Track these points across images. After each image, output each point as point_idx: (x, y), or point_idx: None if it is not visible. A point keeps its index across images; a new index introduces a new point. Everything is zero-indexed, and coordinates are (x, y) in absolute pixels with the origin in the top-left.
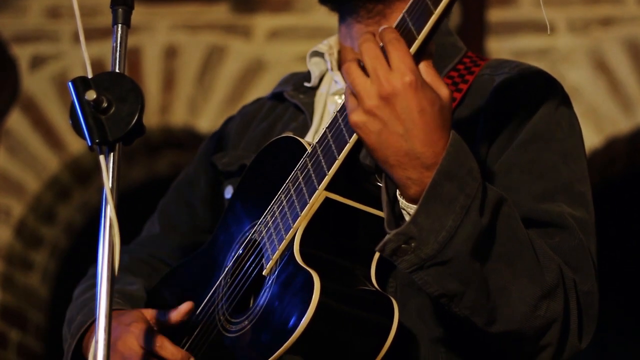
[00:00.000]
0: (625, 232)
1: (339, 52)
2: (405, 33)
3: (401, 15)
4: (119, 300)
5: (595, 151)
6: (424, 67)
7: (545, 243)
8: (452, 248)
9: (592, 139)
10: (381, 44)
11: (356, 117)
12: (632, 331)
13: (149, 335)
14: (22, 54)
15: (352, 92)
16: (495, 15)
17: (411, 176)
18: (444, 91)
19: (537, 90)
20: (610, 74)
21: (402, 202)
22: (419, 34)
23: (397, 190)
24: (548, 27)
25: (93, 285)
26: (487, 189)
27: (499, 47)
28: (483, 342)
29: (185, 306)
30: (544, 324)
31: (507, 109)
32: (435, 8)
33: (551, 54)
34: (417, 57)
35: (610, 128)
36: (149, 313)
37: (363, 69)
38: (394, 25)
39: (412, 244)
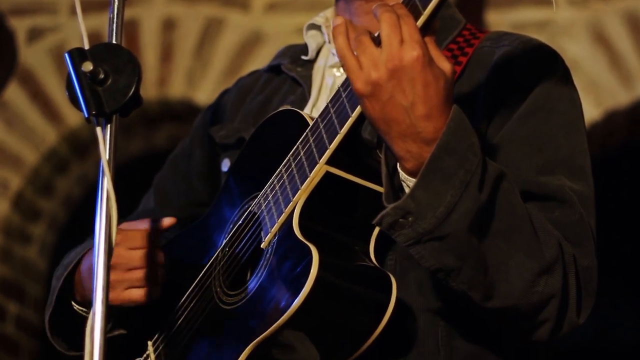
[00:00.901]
0: (625, 205)
1: None
2: (412, 9)
3: None
4: None
5: (594, 124)
6: (428, 43)
7: (545, 217)
8: (450, 223)
9: (591, 112)
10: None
11: (361, 86)
12: (631, 304)
13: (132, 236)
14: (20, 26)
15: (359, 58)
16: None
17: (411, 150)
18: (447, 67)
19: (538, 63)
20: (609, 47)
21: (402, 174)
22: (424, 9)
23: (397, 163)
24: (554, 4)
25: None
26: (487, 165)
27: (499, 20)
28: (482, 316)
29: (168, 220)
30: (542, 300)
31: (507, 82)
32: None
33: (551, 27)
34: (422, 33)
35: (610, 101)
36: (123, 224)
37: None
38: (402, 1)
39: (410, 219)
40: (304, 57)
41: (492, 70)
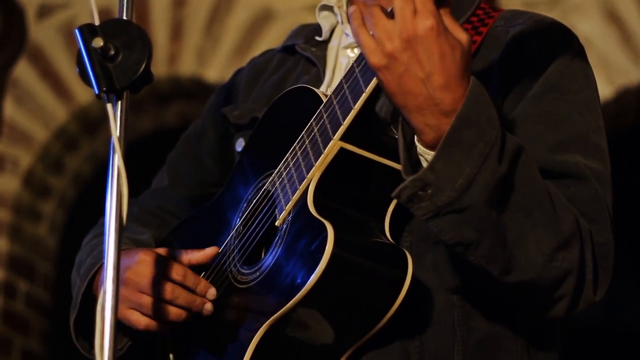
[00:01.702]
0: (636, 184)
1: (349, 6)
2: None
3: None
4: (128, 242)
5: (606, 102)
6: (443, 14)
7: (561, 194)
8: (469, 196)
9: (603, 90)
10: None
11: (376, 59)
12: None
13: (164, 263)
14: (30, 3)
15: (373, 32)
16: None
17: (429, 122)
18: (464, 37)
19: (552, 42)
20: (621, 25)
21: (420, 147)
22: None
23: (415, 136)
24: None
25: (102, 233)
26: (505, 137)
27: None
28: (498, 295)
29: (211, 250)
30: (560, 275)
31: (522, 61)
32: None
33: (562, 4)
34: (437, 5)
35: (622, 79)
36: (161, 249)
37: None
38: None
39: (429, 191)
40: (317, 38)
41: (506, 49)
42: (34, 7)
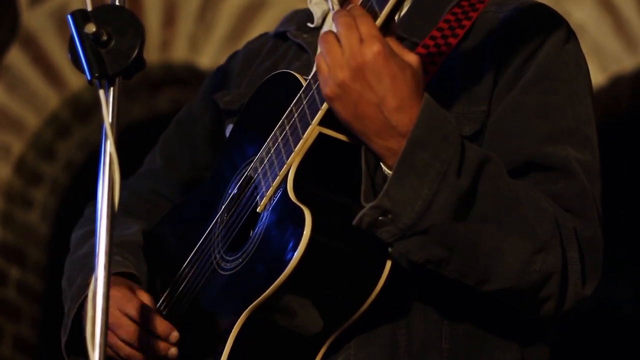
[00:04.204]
0: (629, 172)
1: None
2: (370, 11)
3: None
4: (118, 257)
5: (599, 89)
6: (390, 41)
7: (548, 189)
8: (431, 216)
9: (596, 77)
10: None
11: (329, 90)
12: (632, 276)
13: (133, 303)
14: None
15: (325, 62)
16: None
17: (390, 145)
18: (413, 58)
19: (543, 29)
20: (615, 12)
21: (385, 170)
22: (381, 11)
23: (380, 160)
24: None
25: (91, 233)
26: (466, 151)
27: None
28: (482, 299)
29: (174, 335)
30: (542, 278)
31: (512, 48)
32: None
33: None
34: (382, 32)
35: (615, 66)
36: (142, 294)
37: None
38: (359, 2)
39: (389, 216)
40: (309, 25)
41: (496, 35)
42: None
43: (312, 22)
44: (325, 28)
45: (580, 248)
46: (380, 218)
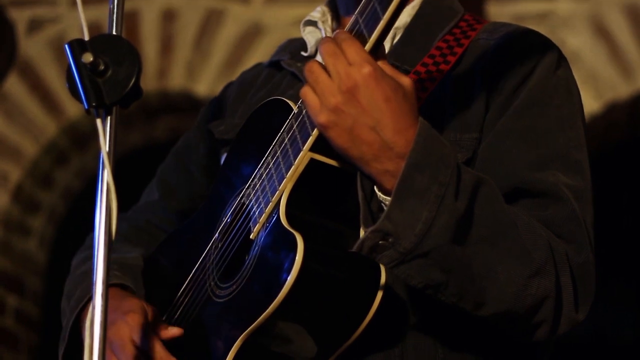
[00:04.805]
0: (625, 200)
1: (335, 20)
2: (358, 35)
3: (354, 17)
4: (117, 272)
5: (594, 117)
6: (382, 64)
7: (538, 215)
8: (431, 239)
9: (591, 105)
10: None
11: (323, 118)
12: (630, 302)
13: (144, 332)
14: (20, 17)
15: (315, 91)
16: None
17: (388, 168)
18: (405, 80)
19: (534, 55)
20: (610, 39)
21: (381, 196)
22: (370, 36)
23: (375, 186)
24: None
25: (91, 256)
26: (462, 173)
27: (499, 12)
28: (477, 324)
29: (175, 331)
30: (536, 302)
31: (503, 75)
32: (383, 13)
33: (551, 19)
34: (372, 56)
35: (610, 93)
36: (151, 309)
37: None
38: (346, 28)
39: (390, 240)
40: (303, 53)
41: (488, 62)
42: (23, 21)
43: (306, 51)
44: (319, 56)
45: (573, 273)
46: (380, 242)
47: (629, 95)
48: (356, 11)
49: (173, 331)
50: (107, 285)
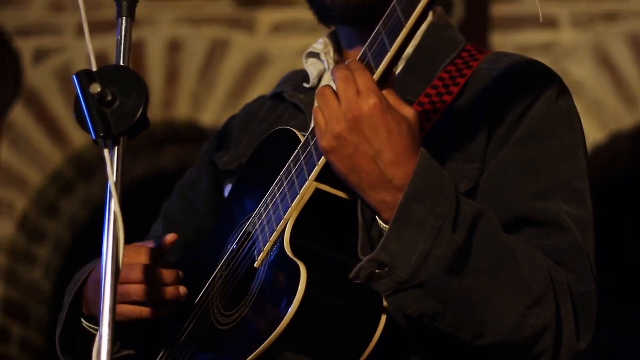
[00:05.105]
0: (630, 229)
1: (337, 52)
2: (367, 67)
3: (363, 50)
4: None
5: (599, 147)
6: (387, 94)
7: (540, 244)
8: (427, 270)
9: (595, 135)
10: None
11: (326, 142)
12: (634, 332)
13: (144, 253)
14: (26, 47)
15: (323, 114)
16: (499, 9)
17: (385, 199)
18: (409, 112)
19: (535, 86)
20: (614, 70)
21: (381, 224)
22: (377, 67)
23: (375, 215)
24: (540, 15)
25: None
26: (461, 205)
27: (503, 42)
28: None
29: (170, 236)
30: (536, 333)
31: (505, 106)
32: (391, 46)
33: (555, 49)
34: (380, 86)
35: (614, 124)
36: (148, 242)
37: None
38: (357, 59)
39: (386, 269)
40: (305, 85)
41: (490, 92)
42: (29, 51)
43: (309, 83)
44: (332, 81)
45: (574, 303)
46: (377, 271)
47: (632, 126)
48: (366, 44)
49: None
50: (114, 313)
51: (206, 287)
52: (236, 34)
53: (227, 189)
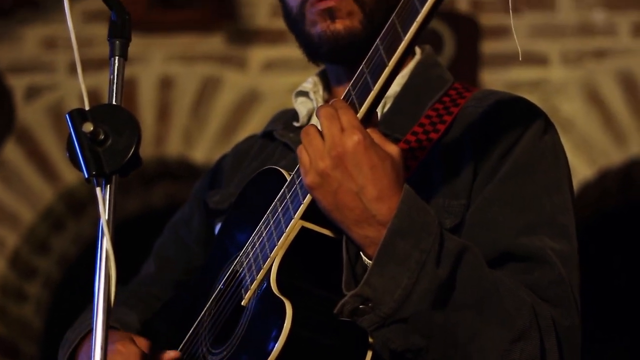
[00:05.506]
0: (619, 266)
1: (326, 90)
2: (351, 105)
3: (348, 88)
4: (115, 324)
5: (588, 184)
6: (371, 131)
7: (525, 279)
8: (411, 305)
9: (585, 172)
10: None
11: (310, 179)
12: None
13: (139, 357)
14: (18, 84)
15: (307, 152)
16: (488, 47)
17: (369, 234)
18: (393, 149)
19: (521, 122)
20: (603, 106)
21: (365, 259)
22: (360, 106)
23: (360, 250)
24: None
25: (87, 314)
26: (445, 241)
27: (493, 79)
28: None
29: (172, 354)
30: None
31: (491, 142)
32: (374, 85)
33: (544, 86)
34: (364, 124)
35: (603, 160)
36: (140, 340)
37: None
38: (342, 97)
39: (370, 304)
40: (295, 124)
41: (476, 129)
42: (21, 88)
43: (298, 121)
44: (315, 119)
45: (558, 337)
46: (361, 306)
47: (622, 162)
48: (350, 83)
49: (170, 355)
50: (106, 352)
51: (195, 324)
52: (227, 71)
53: (218, 228)
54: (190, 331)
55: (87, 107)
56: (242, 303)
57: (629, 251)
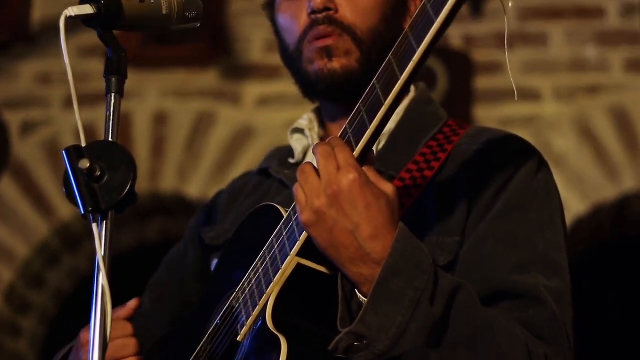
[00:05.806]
0: (612, 301)
1: (321, 126)
2: (347, 143)
3: (344, 127)
4: None
5: (581, 219)
6: (367, 169)
7: (518, 316)
8: (405, 342)
9: (577, 207)
10: None
11: (306, 216)
12: None
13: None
14: (13, 119)
15: (303, 190)
16: (482, 83)
17: (363, 272)
18: (388, 187)
19: (514, 160)
20: (596, 142)
21: (360, 297)
22: (357, 145)
23: (355, 288)
24: (515, 93)
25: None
26: (439, 279)
27: (486, 115)
28: None
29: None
30: None
31: (484, 180)
32: (371, 123)
33: (537, 122)
34: (360, 162)
35: (596, 196)
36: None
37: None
38: (338, 135)
39: (364, 342)
40: (290, 160)
41: (470, 167)
42: (17, 123)
43: (293, 158)
44: (310, 157)
45: None
46: (355, 343)
47: (615, 197)
48: (347, 121)
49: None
50: None
51: (192, 359)
52: (222, 106)
53: (214, 264)
54: None
55: (83, 143)
56: (237, 339)
57: (623, 286)
